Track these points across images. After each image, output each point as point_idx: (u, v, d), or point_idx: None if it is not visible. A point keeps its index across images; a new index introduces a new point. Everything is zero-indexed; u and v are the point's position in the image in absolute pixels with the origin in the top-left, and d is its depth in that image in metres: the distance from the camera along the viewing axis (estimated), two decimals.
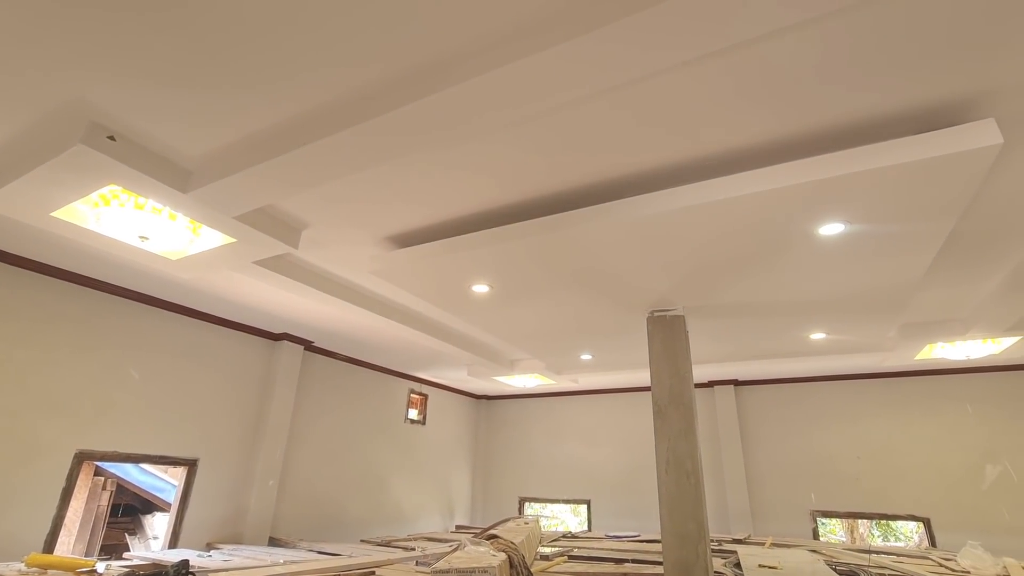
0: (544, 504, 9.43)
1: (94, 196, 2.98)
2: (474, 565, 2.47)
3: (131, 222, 3.17)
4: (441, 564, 2.52)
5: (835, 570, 3.98)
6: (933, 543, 6.21)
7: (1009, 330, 4.80)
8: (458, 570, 2.45)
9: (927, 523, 6.36)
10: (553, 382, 7.79)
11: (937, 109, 2.25)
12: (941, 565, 4.45)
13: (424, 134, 2.31)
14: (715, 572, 3.79)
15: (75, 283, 4.49)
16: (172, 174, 2.82)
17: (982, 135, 2.09)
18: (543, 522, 10.17)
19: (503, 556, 2.81)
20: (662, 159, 2.68)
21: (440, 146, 2.50)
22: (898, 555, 4.94)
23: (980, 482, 6.25)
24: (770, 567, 3.92)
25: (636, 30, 1.72)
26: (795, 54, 1.99)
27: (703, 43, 1.74)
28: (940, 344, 5.27)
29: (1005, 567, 4.26)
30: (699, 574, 3.45)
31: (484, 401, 10.03)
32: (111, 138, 2.59)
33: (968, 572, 4.20)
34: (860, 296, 3.76)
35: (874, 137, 2.45)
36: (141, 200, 3.06)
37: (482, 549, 2.94)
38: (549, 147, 2.62)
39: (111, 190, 2.95)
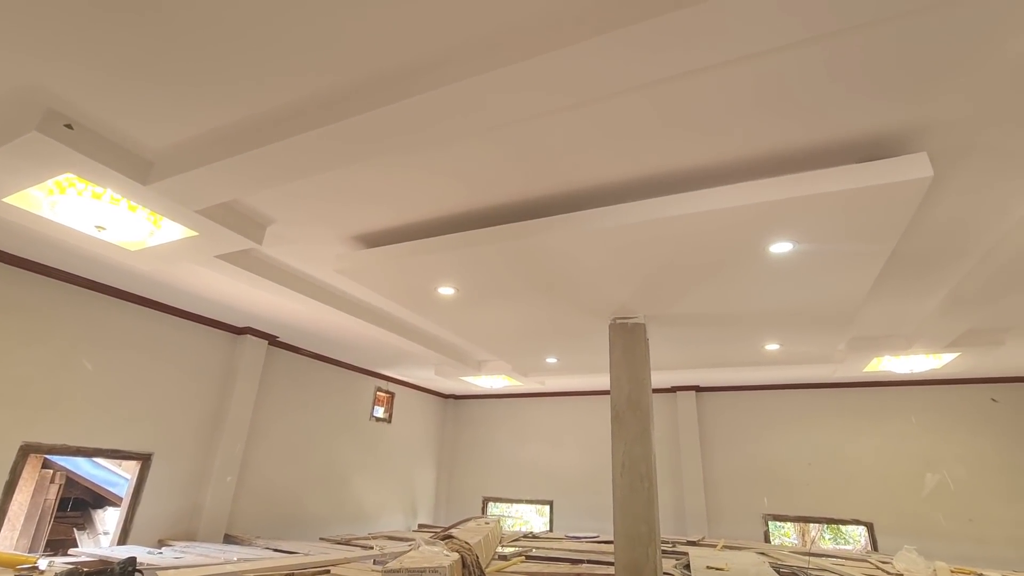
0: (510, 504, 9.49)
1: (49, 183, 2.91)
2: (425, 565, 2.51)
3: (88, 211, 3.10)
4: (393, 564, 2.56)
5: (778, 572, 4.15)
6: (875, 546, 6.52)
7: (948, 347, 5.08)
8: (409, 570, 2.49)
9: (870, 527, 6.68)
10: (520, 383, 7.86)
11: (879, 140, 2.39)
12: (878, 568, 4.69)
13: (390, 139, 2.34)
14: (665, 573, 3.92)
15: (25, 269, 4.33)
16: (132, 165, 2.77)
17: (914, 168, 2.23)
18: (508, 522, 10.25)
19: (456, 556, 2.86)
20: (626, 173, 2.76)
21: (407, 151, 2.52)
22: (840, 558, 5.18)
23: (920, 489, 6.59)
24: (717, 568, 4.07)
25: (591, 55, 1.79)
26: (743, 86, 2.09)
27: (649, 72, 1.82)
28: (886, 357, 5.54)
29: (935, 571, 4.51)
30: (648, 575, 3.56)
31: (451, 400, 10.05)
32: (68, 126, 2.53)
33: (902, 575, 4.43)
34: (810, 309, 3.94)
35: (822, 163, 2.58)
36: (99, 189, 2.99)
37: (436, 549, 2.98)
38: (515, 155, 2.68)
39: (67, 178, 2.88)
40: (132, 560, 2.78)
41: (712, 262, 3.21)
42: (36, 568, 3.06)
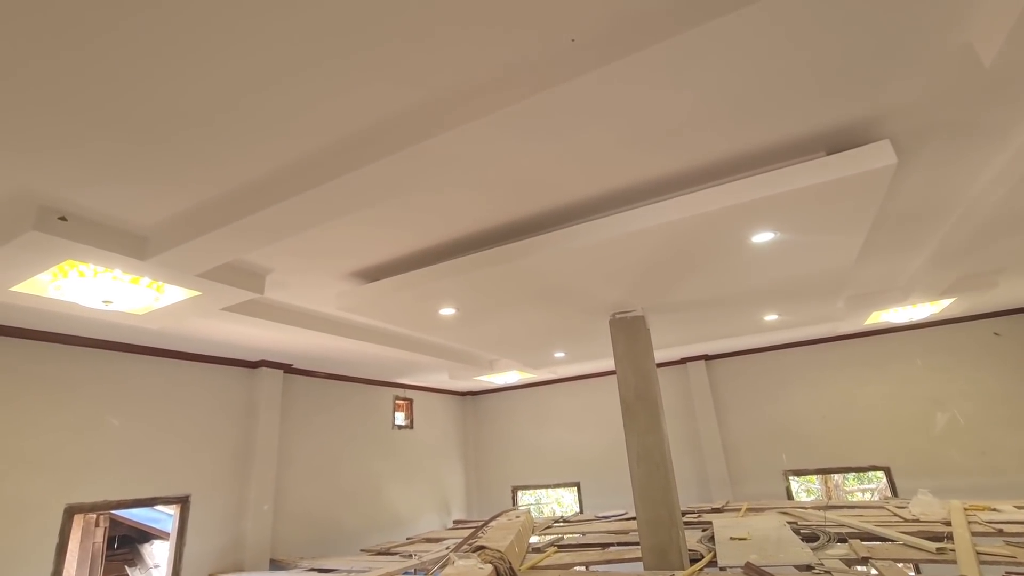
0: (540, 489, 9.74)
1: (53, 268, 3.02)
2: None
3: (93, 288, 3.21)
4: None
5: (798, 533, 4.33)
6: (894, 490, 6.71)
7: (944, 293, 5.16)
8: None
9: (887, 471, 6.86)
10: (533, 375, 8.02)
11: (843, 130, 2.45)
12: (894, 514, 4.86)
13: (372, 194, 2.43)
14: (690, 550, 4.09)
15: (39, 340, 4.47)
16: (128, 244, 2.87)
17: (878, 157, 2.30)
18: (543, 507, 10.55)
19: (489, 568, 3.04)
20: (600, 189, 2.84)
21: (388, 201, 2.61)
22: (858, 508, 5.36)
23: (931, 429, 6.74)
24: (740, 539, 4.25)
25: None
26: (714, 99, 2.16)
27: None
28: (885, 310, 5.62)
29: (950, 510, 4.68)
30: (674, 556, 3.74)
31: (469, 397, 10.25)
32: (62, 219, 2.63)
33: (918, 519, 4.60)
34: (799, 285, 4.03)
35: (792, 155, 2.64)
36: (100, 268, 3.10)
37: (470, 563, 3.15)
38: (490, 186, 2.76)
39: (69, 262, 2.99)
40: None
41: (697, 257, 3.29)
42: None
